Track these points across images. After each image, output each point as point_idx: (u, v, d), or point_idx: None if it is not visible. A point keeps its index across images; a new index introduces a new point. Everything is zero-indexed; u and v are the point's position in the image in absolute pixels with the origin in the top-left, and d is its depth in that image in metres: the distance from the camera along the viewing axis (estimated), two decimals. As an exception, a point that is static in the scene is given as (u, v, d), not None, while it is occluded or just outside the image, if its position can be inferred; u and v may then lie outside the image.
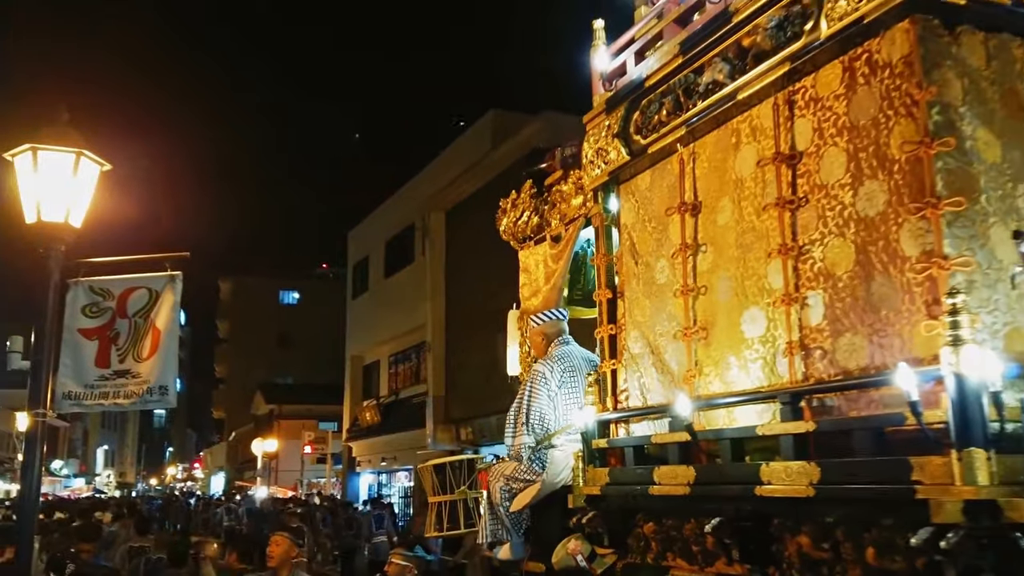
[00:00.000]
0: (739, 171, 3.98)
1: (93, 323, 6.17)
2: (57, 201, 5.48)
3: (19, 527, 5.61)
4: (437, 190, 24.59)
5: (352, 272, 33.95)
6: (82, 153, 5.53)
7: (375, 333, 30.32)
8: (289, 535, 5.46)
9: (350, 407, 32.72)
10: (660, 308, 4.43)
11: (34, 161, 5.47)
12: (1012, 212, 3.14)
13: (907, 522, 2.85)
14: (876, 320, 3.21)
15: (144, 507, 23.90)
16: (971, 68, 3.20)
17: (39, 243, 5.52)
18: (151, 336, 6.12)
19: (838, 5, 3.34)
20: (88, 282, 6.22)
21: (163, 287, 6.20)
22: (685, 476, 3.90)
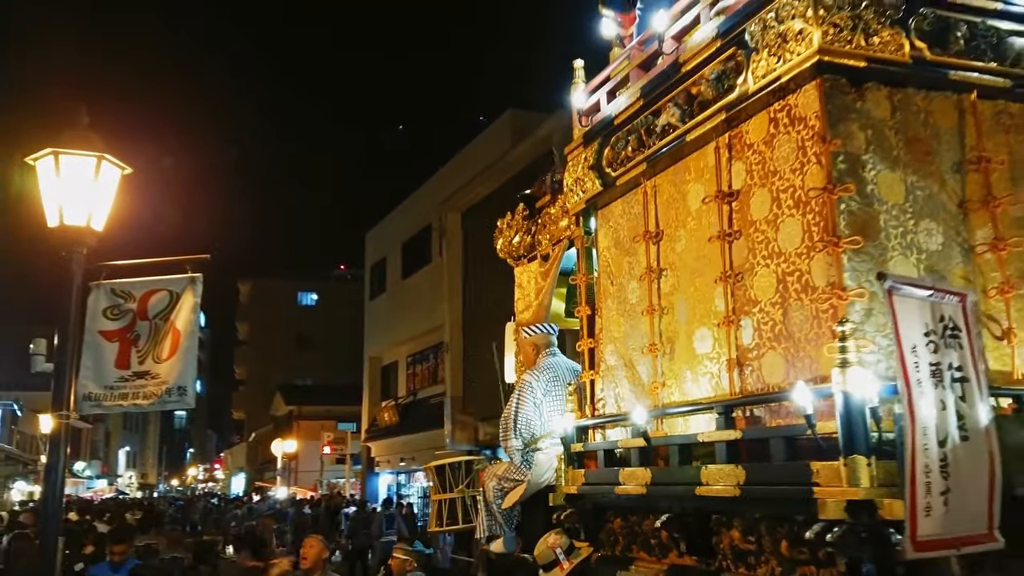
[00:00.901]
0: (691, 205, 4.58)
1: (114, 325, 6.26)
2: (79, 205, 5.60)
3: (42, 528, 5.68)
4: (454, 191, 25.08)
5: (369, 273, 34.56)
6: (103, 157, 5.66)
7: (393, 334, 30.93)
8: (321, 538, 6.08)
9: (368, 408, 33.36)
10: (632, 325, 5.04)
11: (56, 165, 5.59)
12: (912, 247, 3.71)
13: (812, 519, 3.42)
14: (792, 342, 3.80)
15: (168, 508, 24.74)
16: (876, 120, 3.77)
17: (61, 247, 5.62)
18: (171, 337, 6.22)
19: (760, 64, 3.92)
20: (110, 285, 6.31)
21: (183, 289, 6.30)
22: (643, 477, 4.50)
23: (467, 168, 24.65)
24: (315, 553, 5.89)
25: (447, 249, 25.50)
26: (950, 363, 3.31)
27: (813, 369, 3.65)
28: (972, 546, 3.23)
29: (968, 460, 3.26)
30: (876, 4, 3.71)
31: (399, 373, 32.06)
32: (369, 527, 15.91)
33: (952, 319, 3.37)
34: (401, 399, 30.45)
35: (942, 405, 3.24)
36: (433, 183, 28.37)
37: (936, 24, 3.83)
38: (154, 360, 6.23)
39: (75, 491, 41.08)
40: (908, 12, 3.77)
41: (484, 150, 24.15)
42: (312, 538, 6.08)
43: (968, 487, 3.24)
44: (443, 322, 25.48)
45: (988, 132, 3.92)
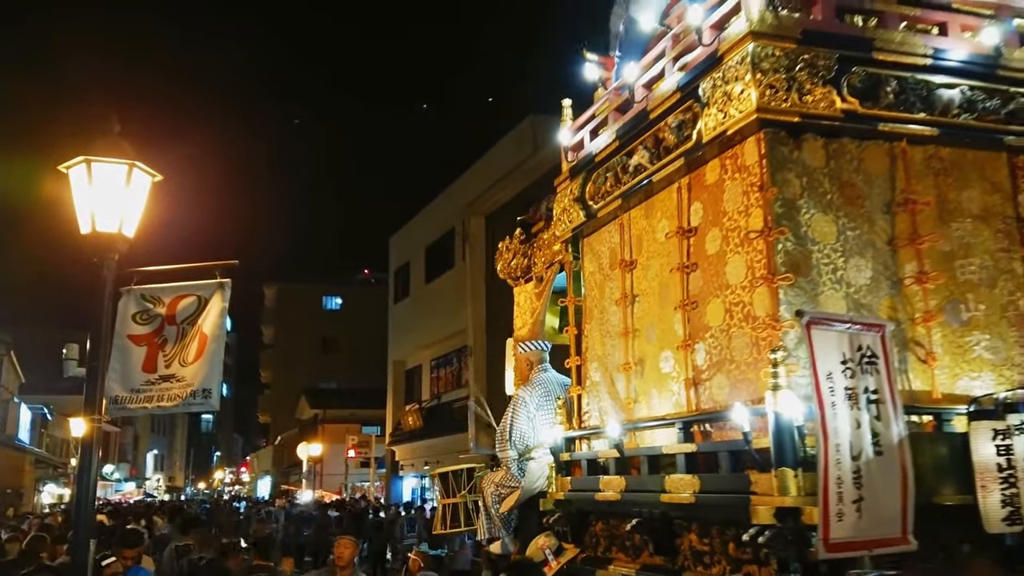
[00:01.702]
0: (658, 238, 5.16)
1: (143, 330, 6.38)
2: (110, 212, 5.72)
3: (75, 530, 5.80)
4: (477, 195, 25.63)
5: (393, 277, 35.23)
6: (134, 164, 5.78)
7: (417, 338, 31.55)
8: (353, 539, 6.70)
9: (393, 411, 34.02)
10: (612, 345, 5.63)
11: (88, 173, 5.71)
12: (842, 281, 4.26)
13: (749, 524, 3.98)
14: (736, 366, 4.36)
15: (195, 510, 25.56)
16: (811, 168, 4.32)
17: (93, 253, 5.73)
18: (197, 341, 6.33)
19: (711, 118, 4.49)
20: (140, 290, 6.43)
21: (212, 294, 6.41)
22: (619, 485, 5.09)
23: (490, 173, 25.17)
24: (349, 553, 6.54)
25: (470, 253, 26.05)
26: (866, 387, 3.85)
27: (753, 391, 4.21)
28: (885, 548, 3.77)
29: (882, 472, 3.80)
30: (809, 66, 4.26)
31: (423, 377, 32.70)
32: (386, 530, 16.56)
33: (871, 348, 3.92)
34: (425, 403, 31.07)
35: (857, 424, 3.78)
36: (456, 188, 28.91)
37: (867, 80, 4.37)
38: (180, 364, 6.34)
39: (104, 494, 42.15)
40: (840, 72, 4.32)
41: (506, 155, 24.68)
42: (345, 539, 6.72)
43: (882, 496, 3.78)
44: (466, 326, 26.06)
45: (917, 175, 4.46)
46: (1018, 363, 4.39)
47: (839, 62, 4.32)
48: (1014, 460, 3.85)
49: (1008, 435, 3.87)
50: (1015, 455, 3.86)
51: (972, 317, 4.40)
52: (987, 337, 4.39)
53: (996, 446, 3.87)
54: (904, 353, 4.29)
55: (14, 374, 37.91)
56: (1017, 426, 3.89)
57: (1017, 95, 4.55)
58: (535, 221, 6.89)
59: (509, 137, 25.71)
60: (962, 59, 4.50)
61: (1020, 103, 4.54)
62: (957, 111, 4.47)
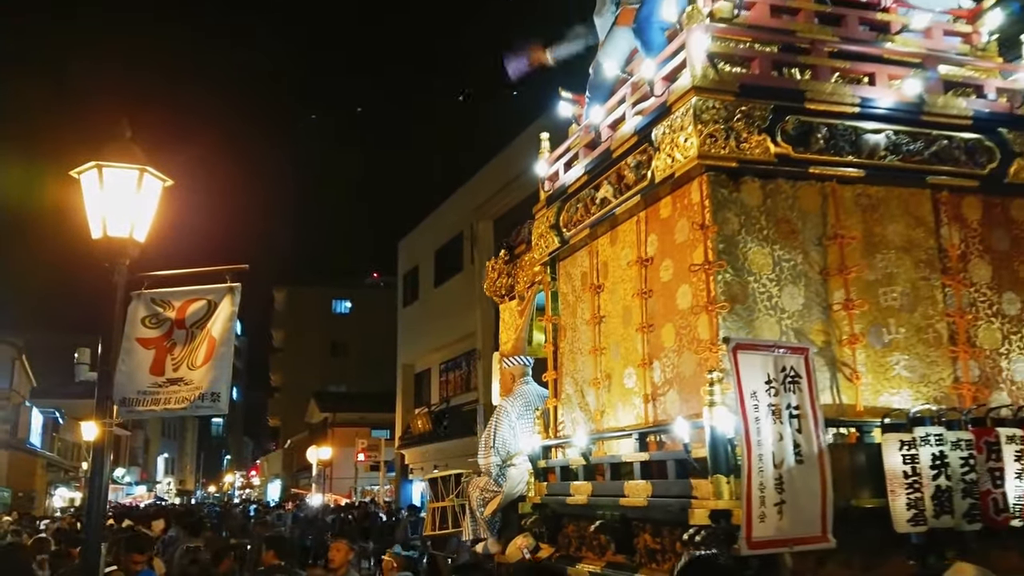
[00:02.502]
0: (622, 265, 5.78)
1: (152, 333, 6.50)
2: (122, 216, 5.84)
3: (86, 533, 5.96)
4: (485, 199, 26.27)
5: (402, 281, 35.95)
6: (145, 169, 5.91)
7: (426, 341, 32.22)
8: (347, 541, 7.34)
9: (402, 415, 34.73)
10: (583, 362, 6.26)
11: (99, 178, 5.83)
12: (776, 308, 4.88)
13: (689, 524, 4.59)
14: (683, 383, 4.99)
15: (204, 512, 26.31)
16: (749, 207, 4.94)
17: (105, 257, 5.86)
18: (206, 344, 6.43)
19: (662, 161, 5.11)
20: (150, 294, 6.54)
21: (221, 297, 6.50)
22: (586, 489, 5.72)
23: (498, 177, 25.76)
24: (341, 556, 7.20)
25: (479, 257, 26.64)
26: (789, 403, 4.46)
27: (698, 406, 4.82)
28: (806, 545, 4.37)
29: (803, 478, 4.41)
30: (746, 117, 4.87)
31: (432, 380, 33.38)
32: (393, 533, 17.24)
33: (794, 369, 4.52)
34: (434, 406, 31.73)
35: (779, 436, 4.39)
36: (465, 192, 29.55)
37: (799, 128, 4.97)
38: (188, 367, 6.42)
39: (115, 497, 43.07)
40: (775, 120, 4.92)
41: (515, 159, 25.28)
42: (339, 542, 7.36)
43: (802, 500, 4.39)
44: (475, 329, 26.68)
45: (847, 212, 5.06)
46: (934, 380, 4.99)
47: (774, 112, 4.92)
48: (918, 468, 4.46)
49: (913, 446, 4.47)
50: (919, 463, 4.46)
51: (893, 339, 5.00)
52: (906, 357, 4.99)
53: (903, 455, 4.47)
54: (833, 372, 4.90)
55: (26, 378, 38.87)
56: (923, 438, 4.49)
57: (939, 138, 5.15)
58: (517, 244, 7.54)
59: (518, 141, 26.31)
60: (888, 106, 5.09)
61: (942, 145, 5.14)
62: (883, 153, 5.07)
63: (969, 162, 5.17)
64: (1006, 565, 4.69)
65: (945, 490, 4.46)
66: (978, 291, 5.15)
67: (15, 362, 36.60)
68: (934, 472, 4.46)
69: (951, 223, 5.16)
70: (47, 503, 38.98)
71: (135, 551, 7.69)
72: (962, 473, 4.49)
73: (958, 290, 5.09)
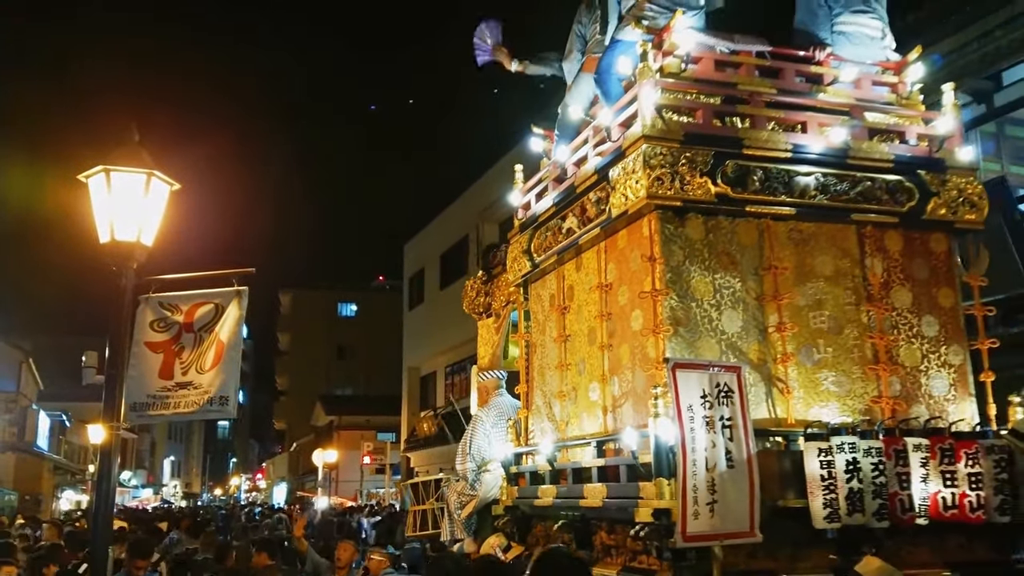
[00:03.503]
0: (585, 289, 6.52)
1: (160, 337, 6.65)
2: (129, 220, 5.94)
3: (93, 537, 6.07)
4: (490, 202, 26.94)
5: (408, 284, 36.74)
6: (152, 174, 6.03)
7: (431, 344, 32.95)
8: (353, 543, 8.07)
9: (408, 418, 35.47)
10: (551, 376, 7.00)
11: (107, 182, 5.93)
12: (716, 331, 5.60)
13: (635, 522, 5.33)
14: (636, 397, 5.73)
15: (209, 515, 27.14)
16: (693, 240, 5.66)
17: (112, 261, 5.98)
18: (215, 349, 6.57)
19: (617, 198, 5.84)
20: (158, 298, 6.67)
21: (229, 301, 6.64)
22: (552, 492, 6.45)
23: (504, 180, 26.35)
24: (347, 556, 7.95)
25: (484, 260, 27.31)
26: (722, 415, 5.18)
27: (646, 417, 5.55)
28: (736, 540, 5.09)
29: (733, 481, 5.13)
30: (690, 161, 5.60)
31: (438, 383, 34.12)
32: (394, 534, 17.99)
33: (728, 385, 5.24)
34: (440, 409, 32.43)
35: (712, 444, 5.11)
36: (470, 195, 30.24)
37: (738, 171, 5.69)
38: (197, 371, 6.57)
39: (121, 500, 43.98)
40: (715, 164, 5.64)
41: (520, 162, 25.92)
42: (345, 542, 8.11)
43: (732, 500, 5.10)
44: (480, 332, 27.39)
45: (780, 245, 5.78)
46: (859, 395, 5.71)
47: (715, 157, 5.64)
48: (834, 472, 5.17)
49: (830, 453, 5.19)
50: (835, 468, 5.18)
51: (822, 358, 5.72)
52: (834, 374, 5.71)
53: (820, 461, 5.19)
54: (768, 387, 5.63)
55: (33, 381, 39.77)
56: (838, 446, 5.21)
57: (864, 179, 5.86)
58: (494, 265, 8.31)
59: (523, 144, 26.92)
60: (818, 151, 5.80)
61: (866, 185, 5.86)
62: (813, 193, 5.79)
63: (891, 200, 5.89)
64: (917, 560, 5.41)
65: (857, 492, 5.16)
66: (899, 315, 5.87)
67: (22, 365, 37.49)
68: (847, 476, 5.17)
69: (874, 255, 5.88)
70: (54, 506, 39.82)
71: (138, 556, 7.95)
72: (873, 477, 5.19)
73: (880, 314, 5.81)
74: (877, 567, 4.84)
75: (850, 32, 6.27)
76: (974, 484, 5.36)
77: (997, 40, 10.94)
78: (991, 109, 11.51)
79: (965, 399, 5.87)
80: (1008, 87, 11.33)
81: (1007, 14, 10.70)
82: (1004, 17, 10.76)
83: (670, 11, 5.99)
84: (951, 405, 5.82)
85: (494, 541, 6.99)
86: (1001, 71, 11.31)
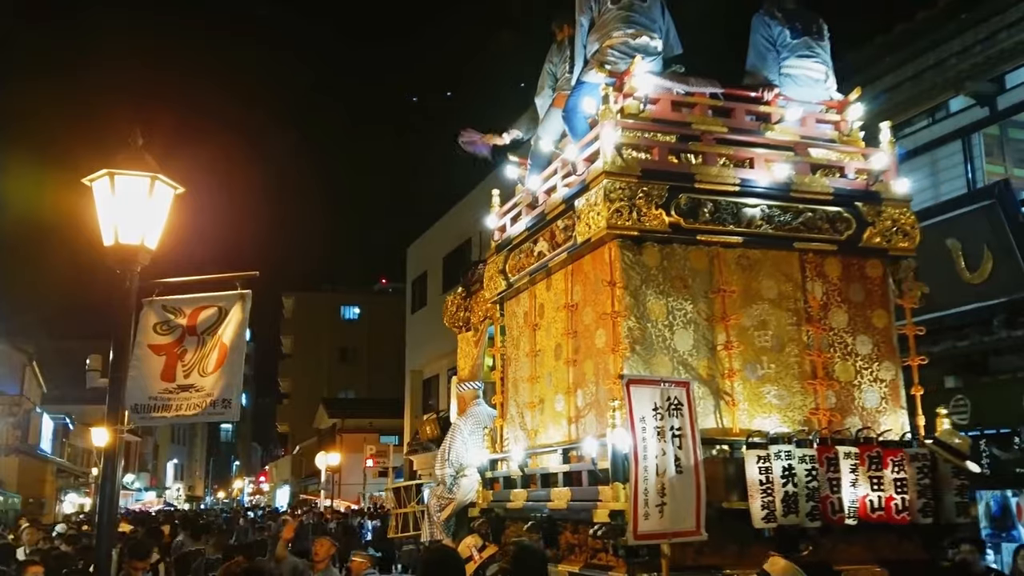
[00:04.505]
0: (554, 308, 7.20)
1: (163, 340, 6.73)
2: (133, 224, 6.04)
3: (97, 540, 6.15)
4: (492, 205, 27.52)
5: (411, 287, 37.29)
6: (156, 177, 6.11)
7: (434, 347, 33.41)
8: (329, 538, 8.74)
9: (410, 421, 36.00)
10: (523, 387, 7.68)
11: (111, 185, 6.02)
12: (669, 348, 6.26)
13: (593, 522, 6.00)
14: (599, 408, 6.40)
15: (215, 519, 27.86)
16: (649, 267, 6.32)
17: (116, 265, 6.06)
18: (217, 351, 6.65)
19: (582, 227, 6.51)
20: (161, 301, 6.75)
21: (232, 304, 6.71)
22: (523, 496, 7.13)
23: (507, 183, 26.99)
24: (324, 551, 8.62)
25: (486, 263, 27.93)
26: (672, 426, 5.84)
27: (605, 427, 6.23)
28: (683, 538, 5.74)
29: (681, 485, 5.78)
30: (646, 195, 6.26)
31: (440, 386, 34.63)
32: (392, 537, 18.71)
33: (677, 398, 5.90)
34: (442, 412, 32.97)
35: (662, 452, 5.77)
36: (472, 198, 30.82)
37: (690, 203, 6.35)
38: (199, 374, 6.63)
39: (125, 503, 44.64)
40: (669, 197, 6.30)
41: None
42: (322, 539, 8.78)
43: (680, 502, 5.76)
44: (482, 336, 28.03)
45: (728, 271, 6.44)
46: (798, 407, 6.37)
47: (669, 191, 6.29)
48: (771, 477, 5.83)
49: (767, 460, 5.85)
50: (772, 474, 5.84)
51: (765, 374, 6.38)
52: (776, 388, 6.37)
53: (759, 467, 5.85)
54: (717, 400, 6.29)
55: (36, 384, 40.49)
56: (776, 453, 5.88)
57: (806, 210, 6.52)
58: (473, 282, 9.01)
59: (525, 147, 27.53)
60: (764, 185, 6.46)
61: (808, 216, 6.52)
62: (759, 223, 6.46)
63: (830, 230, 6.55)
64: (852, 557, 6.06)
65: (792, 495, 5.83)
66: (836, 334, 6.54)
67: (26, 368, 38.12)
68: (783, 480, 5.83)
69: (815, 279, 6.55)
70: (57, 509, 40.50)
71: (135, 558, 8.04)
72: (806, 482, 5.86)
73: (819, 334, 6.47)
74: (783, 567, 5.30)
75: (796, 75, 6.96)
76: (899, 488, 6.04)
77: (1001, 43, 11.23)
78: (994, 112, 11.80)
79: (896, 411, 6.53)
80: (1011, 90, 11.64)
81: (1013, 16, 10.96)
82: (1009, 19, 11.02)
83: (630, 57, 6.67)
84: (882, 417, 6.48)
85: (470, 541, 7.64)
86: (1004, 74, 11.62)
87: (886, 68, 12.77)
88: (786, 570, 5.03)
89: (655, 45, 6.87)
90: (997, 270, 10.57)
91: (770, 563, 5.25)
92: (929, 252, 10.91)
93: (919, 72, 12.38)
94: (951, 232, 10.93)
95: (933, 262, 11.04)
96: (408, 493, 9.25)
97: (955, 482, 6.16)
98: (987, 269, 10.64)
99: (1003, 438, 10.69)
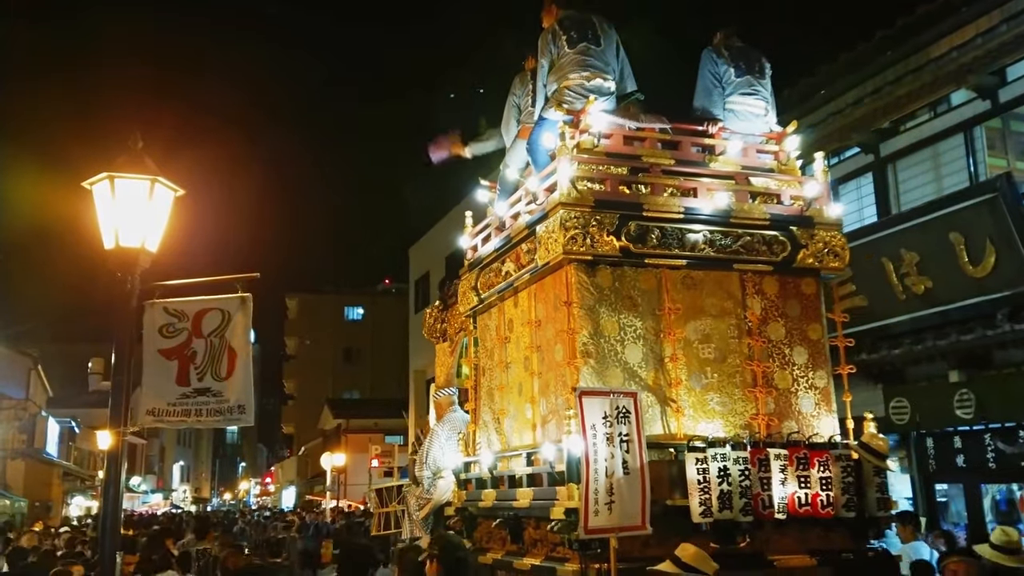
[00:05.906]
0: (521, 324, 8.02)
1: (170, 343, 6.86)
2: (133, 227, 6.15)
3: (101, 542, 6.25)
4: (495, 205, 28.22)
5: (414, 287, 38.08)
6: (156, 180, 6.22)
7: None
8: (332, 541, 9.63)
9: (415, 421, 36.80)
10: (495, 395, 8.49)
11: (111, 189, 6.13)
12: (620, 361, 7.06)
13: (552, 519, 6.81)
14: (558, 416, 7.20)
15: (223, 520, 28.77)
16: (602, 287, 7.12)
17: (117, 268, 6.18)
18: (227, 356, 6.80)
19: (542, 251, 7.31)
20: (163, 304, 6.87)
21: (235, 309, 6.86)
22: (492, 496, 7.95)
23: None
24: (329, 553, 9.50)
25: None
26: (620, 432, 6.62)
27: (563, 433, 7.04)
28: (630, 532, 6.53)
29: (628, 485, 6.57)
30: (599, 223, 7.05)
31: (443, 387, 35.59)
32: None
33: (626, 407, 6.68)
34: (439, 413, 33.78)
35: (611, 455, 6.56)
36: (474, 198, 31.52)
37: (639, 230, 7.13)
38: (214, 377, 6.80)
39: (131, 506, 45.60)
40: (620, 225, 7.08)
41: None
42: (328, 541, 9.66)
43: (627, 500, 6.53)
44: (483, 337, 28.73)
45: (675, 290, 7.22)
46: (740, 413, 7.16)
47: (620, 219, 7.05)
48: (708, 477, 6.63)
49: (705, 462, 6.65)
50: (709, 474, 6.64)
51: (709, 382, 7.17)
52: (719, 396, 7.16)
53: (697, 468, 6.65)
54: (664, 407, 7.08)
55: (41, 388, 41.47)
56: (712, 456, 6.68)
57: (745, 234, 7.30)
58: (449, 296, 9.85)
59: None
60: (706, 212, 7.25)
61: (746, 240, 7.30)
62: (702, 247, 7.24)
63: (767, 252, 7.34)
64: (785, 547, 6.84)
65: (727, 493, 6.62)
66: (774, 346, 7.33)
67: (31, 372, 39.06)
68: (719, 480, 6.63)
69: (754, 296, 7.34)
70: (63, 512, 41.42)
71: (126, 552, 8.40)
72: (740, 481, 6.67)
73: (758, 346, 7.26)
74: (693, 553, 5.86)
75: (739, 111, 7.77)
76: (825, 486, 6.84)
77: (1002, 35, 11.63)
78: (996, 105, 12.23)
79: (828, 416, 7.33)
80: (1013, 83, 12.09)
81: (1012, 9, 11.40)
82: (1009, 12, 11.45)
83: (585, 97, 7.48)
84: (816, 421, 7.28)
85: None
86: (1006, 67, 12.05)
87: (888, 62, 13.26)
88: (695, 556, 5.75)
89: (608, 86, 7.67)
90: (1000, 264, 11.04)
91: (681, 548, 5.82)
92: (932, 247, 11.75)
93: (920, 66, 12.80)
94: (954, 226, 11.35)
95: (936, 257, 11.89)
96: (390, 494, 10.12)
97: (876, 480, 6.97)
98: (990, 263, 11.11)
99: (1008, 432, 11.31)
